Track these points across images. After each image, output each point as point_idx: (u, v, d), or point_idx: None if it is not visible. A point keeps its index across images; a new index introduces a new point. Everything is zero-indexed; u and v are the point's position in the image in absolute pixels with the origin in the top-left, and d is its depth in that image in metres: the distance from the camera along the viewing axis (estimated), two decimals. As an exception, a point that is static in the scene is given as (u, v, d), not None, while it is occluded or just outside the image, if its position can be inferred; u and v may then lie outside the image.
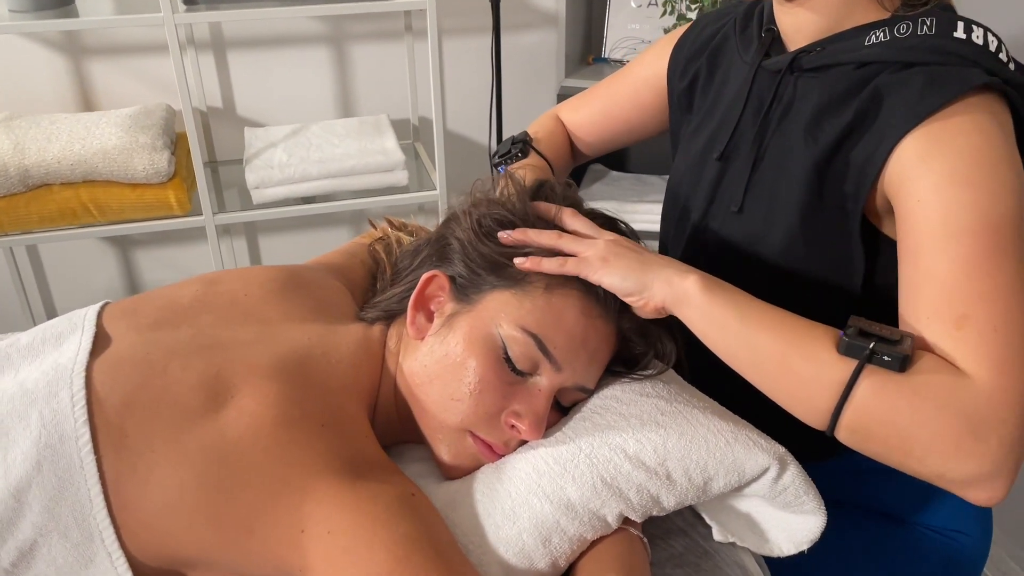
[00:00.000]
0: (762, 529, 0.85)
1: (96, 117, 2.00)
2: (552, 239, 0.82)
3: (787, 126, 0.90)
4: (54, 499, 0.70)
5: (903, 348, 0.70)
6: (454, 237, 0.86)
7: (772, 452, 0.77)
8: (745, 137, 0.94)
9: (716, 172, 0.97)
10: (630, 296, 0.80)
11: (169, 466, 0.71)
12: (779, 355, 0.74)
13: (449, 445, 0.82)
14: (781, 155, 0.90)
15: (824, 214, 0.86)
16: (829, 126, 0.85)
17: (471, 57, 2.38)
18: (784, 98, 0.90)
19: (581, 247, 0.81)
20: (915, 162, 0.77)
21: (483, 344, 0.80)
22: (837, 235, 0.86)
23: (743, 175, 0.93)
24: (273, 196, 2.06)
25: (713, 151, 0.97)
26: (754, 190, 0.92)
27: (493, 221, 0.85)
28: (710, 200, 0.98)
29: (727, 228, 0.95)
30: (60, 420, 0.72)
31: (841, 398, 0.71)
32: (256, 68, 2.29)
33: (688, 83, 1.05)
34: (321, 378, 0.79)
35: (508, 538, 0.74)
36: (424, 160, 2.31)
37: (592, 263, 0.80)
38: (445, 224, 0.90)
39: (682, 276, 0.79)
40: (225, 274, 0.92)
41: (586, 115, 1.19)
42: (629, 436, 0.77)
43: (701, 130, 1.02)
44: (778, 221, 0.89)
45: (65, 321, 0.83)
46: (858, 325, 0.72)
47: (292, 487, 0.71)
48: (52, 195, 1.92)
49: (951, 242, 0.72)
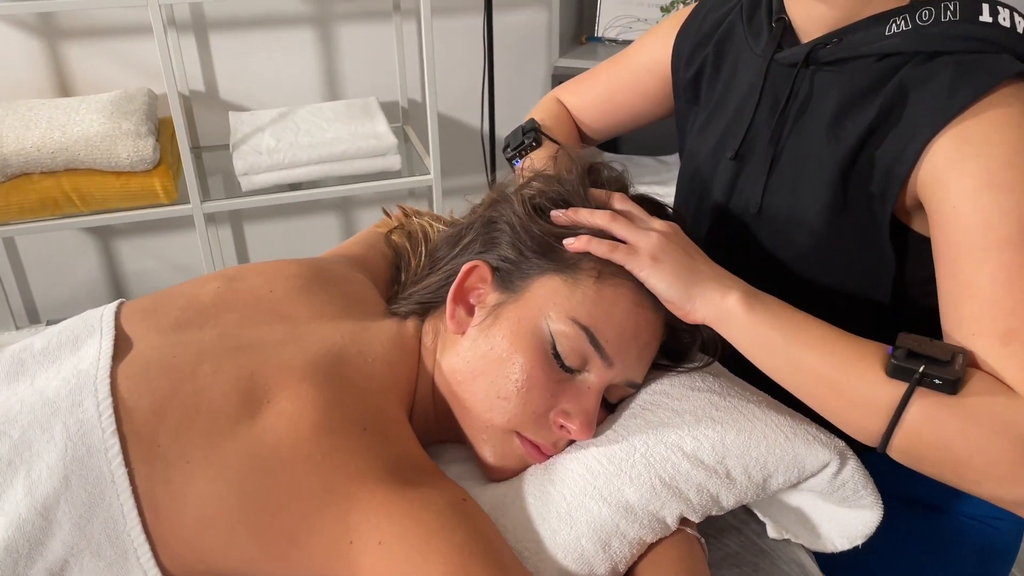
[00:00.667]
0: (814, 524, 0.82)
1: (75, 103, 1.93)
2: (605, 220, 0.78)
3: (805, 123, 0.86)
4: (85, 516, 0.65)
5: (954, 370, 0.66)
6: (503, 220, 0.82)
7: (832, 447, 0.74)
8: (760, 135, 0.90)
9: (731, 171, 0.93)
10: (671, 304, 0.77)
11: (206, 477, 0.67)
12: (826, 376, 0.71)
13: (494, 446, 0.78)
14: (800, 154, 0.86)
15: (850, 216, 0.83)
16: (852, 124, 0.81)
17: (461, 37, 2.33)
18: (801, 94, 0.86)
19: (635, 236, 0.77)
20: (948, 165, 0.73)
21: (531, 338, 0.76)
22: (864, 237, 0.82)
23: (760, 176, 0.89)
24: (262, 183, 2.00)
25: (727, 149, 0.93)
26: (773, 190, 0.88)
27: (547, 200, 0.82)
28: (726, 199, 0.94)
29: (745, 230, 0.92)
30: (87, 431, 0.67)
31: (891, 422, 0.68)
32: (239, 50, 2.22)
33: (694, 73, 1.01)
34: (358, 379, 0.75)
35: (566, 543, 0.71)
36: (415, 144, 2.26)
37: (642, 259, 0.76)
38: (492, 206, 0.85)
39: (724, 293, 0.75)
40: (245, 269, 0.88)
41: (588, 100, 1.14)
42: (685, 433, 0.74)
43: (712, 125, 0.98)
44: (801, 223, 0.85)
45: (80, 323, 0.78)
46: (907, 345, 0.68)
47: (337, 496, 0.67)
48: (32, 185, 1.85)
49: (991, 253, 0.68)
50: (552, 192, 0.82)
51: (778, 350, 0.73)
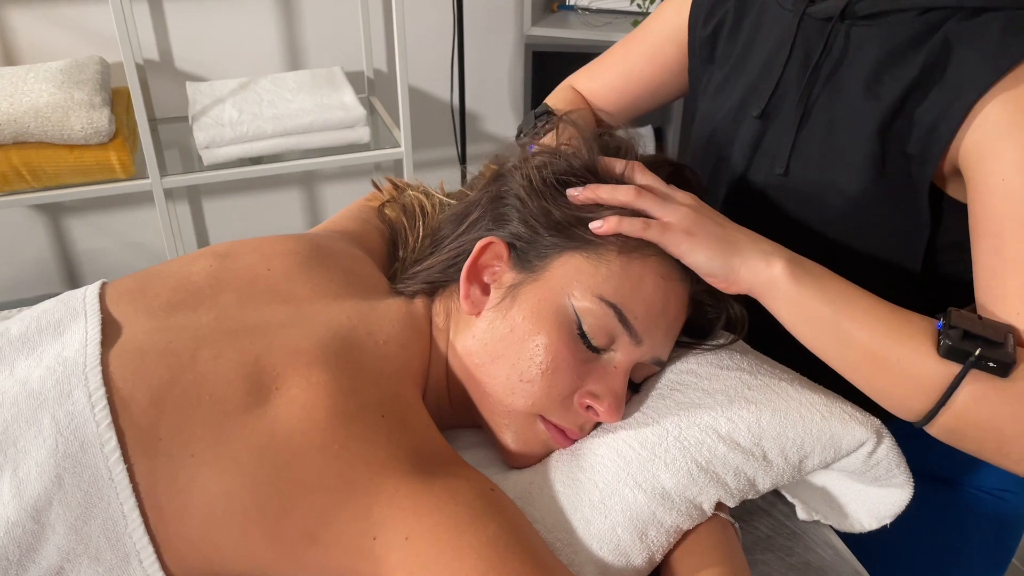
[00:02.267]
0: (840, 504, 0.80)
1: (22, 72, 1.82)
2: (630, 196, 0.74)
3: (840, 81, 0.82)
4: (81, 517, 0.59)
5: (1007, 352, 0.64)
6: (512, 195, 0.77)
7: (869, 425, 0.71)
8: (789, 93, 0.86)
9: (756, 131, 0.89)
10: (712, 278, 0.73)
11: (213, 472, 0.61)
12: (875, 352, 0.69)
13: (517, 431, 0.74)
14: (833, 112, 0.83)
15: (886, 179, 0.79)
16: (892, 80, 0.77)
17: (429, 5, 2.25)
18: (835, 49, 0.82)
19: (664, 211, 0.73)
20: (999, 133, 0.69)
21: (554, 317, 0.72)
22: (900, 201, 0.79)
23: (788, 134, 0.85)
24: (225, 156, 1.92)
25: (751, 107, 0.89)
26: (801, 151, 0.84)
27: (557, 174, 0.76)
28: (748, 161, 0.90)
29: (770, 192, 0.88)
30: (79, 424, 0.61)
31: (940, 402, 0.66)
32: (195, 17, 2.12)
33: (712, 30, 0.96)
34: (372, 362, 0.70)
35: (600, 533, 0.67)
36: (382, 115, 2.18)
37: (676, 235, 0.72)
38: (497, 181, 0.80)
39: (768, 262, 0.72)
40: (236, 246, 0.81)
41: (604, 82, 1.09)
42: (719, 415, 0.70)
43: (732, 83, 0.94)
44: (832, 185, 0.82)
45: (60, 306, 0.72)
46: (961, 325, 0.66)
47: (358, 489, 0.62)
48: (-22, 159, 1.74)
49: None
50: (561, 167, 0.77)
51: (825, 324, 0.70)
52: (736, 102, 0.92)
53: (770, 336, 0.83)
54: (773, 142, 0.87)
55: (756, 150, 0.89)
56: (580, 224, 0.74)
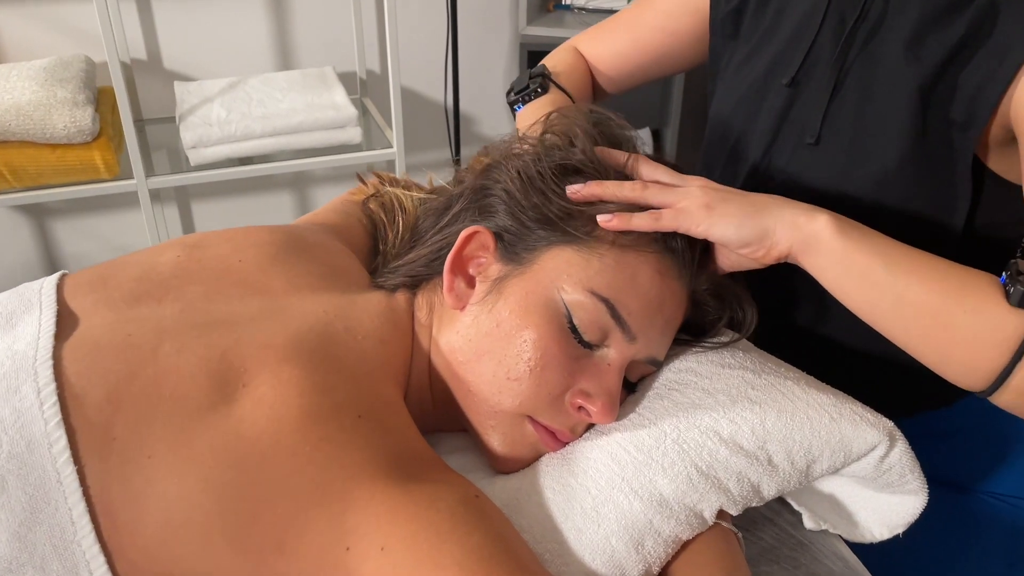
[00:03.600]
0: (849, 512, 0.75)
1: (4, 70, 1.78)
2: (637, 192, 0.69)
3: (877, 45, 0.78)
4: (25, 524, 0.54)
5: None
6: (499, 186, 0.72)
7: (881, 427, 0.67)
8: (822, 59, 0.82)
9: (784, 100, 0.85)
10: (747, 247, 0.69)
11: (173, 476, 0.57)
12: (934, 308, 0.64)
13: (504, 433, 0.69)
14: (870, 78, 0.79)
15: (926, 147, 0.75)
16: (935, 42, 0.74)
17: (423, 4, 2.21)
18: (872, 13, 0.79)
19: (673, 197, 0.68)
20: None
21: (543, 311, 0.67)
22: (939, 170, 0.75)
23: (820, 102, 0.81)
24: (213, 156, 1.87)
25: (779, 76, 0.85)
26: (834, 119, 0.81)
27: (552, 168, 0.72)
28: (774, 133, 0.86)
29: (797, 164, 0.84)
30: (26, 422, 0.56)
31: (1015, 357, 0.61)
32: (184, 16, 2.08)
33: (737, 4, 0.92)
34: (349, 359, 0.65)
35: (593, 544, 0.62)
36: (375, 116, 2.14)
37: (694, 214, 0.67)
38: (484, 174, 0.75)
39: (810, 217, 0.67)
40: (208, 236, 0.77)
41: (610, 46, 1.04)
42: (720, 416, 0.66)
43: (757, 55, 0.89)
44: (867, 154, 0.78)
45: (14, 297, 0.67)
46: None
47: (331, 495, 0.57)
48: (-43, 158, 1.69)
49: None
50: (555, 159, 0.72)
51: (876, 279, 0.66)
52: (761, 72, 0.88)
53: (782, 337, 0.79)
54: (803, 111, 0.84)
55: (784, 120, 0.86)
56: (572, 219, 0.69)
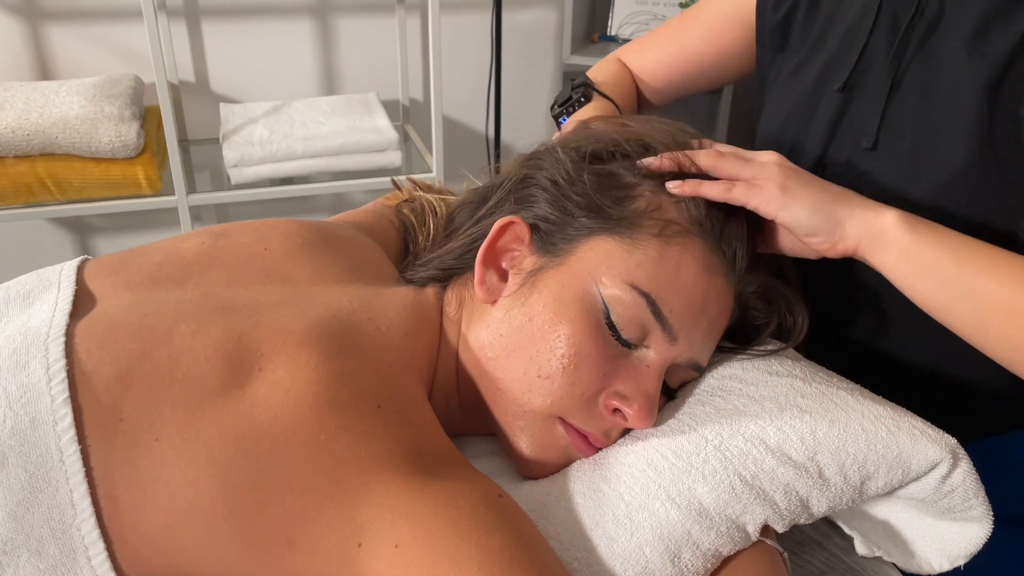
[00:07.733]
0: (905, 540, 0.69)
1: (55, 86, 1.80)
2: (712, 160, 0.67)
3: (936, 42, 0.75)
4: (23, 503, 0.52)
5: None
6: (543, 175, 0.69)
7: (944, 444, 0.61)
8: (876, 62, 0.79)
9: (837, 105, 0.82)
10: (815, 236, 0.66)
11: (181, 460, 0.53)
12: (1008, 303, 0.61)
13: (533, 435, 0.65)
14: (930, 77, 0.75)
15: (993, 147, 0.72)
16: (999, 37, 0.70)
17: (468, 34, 2.22)
18: (928, 10, 0.75)
19: (749, 171, 0.66)
20: None
21: (579, 305, 0.63)
22: (1008, 171, 0.72)
23: (877, 105, 0.78)
24: (253, 175, 1.87)
25: (831, 82, 0.82)
26: (891, 122, 0.77)
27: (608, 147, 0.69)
28: (828, 139, 0.83)
29: (854, 170, 0.80)
30: (32, 398, 0.54)
31: None
32: (233, 40, 2.11)
33: (784, 14, 0.90)
34: (371, 348, 0.62)
35: (625, 553, 0.57)
36: (416, 143, 2.14)
37: (768, 191, 0.64)
38: (527, 163, 0.73)
39: (878, 212, 0.65)
40: (235, 226, 0.74)
41: (654, 57, 1.02)
42: (767, 424, 0.61)
43: (808, 64, 0.86)
44: (929, 157, 0.75)
45: (34, 278, 0.65)
46: None
47: (345, 487, 0.53)
48: (4, 169, 1.71)
49: None
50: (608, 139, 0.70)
51: (948, 277, 0.63)
52: (812, 79, 0.85)
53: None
54: (858, 115, 0.81)
55: (838, 126, 0.83)
56: (618, 204, 0.66)
